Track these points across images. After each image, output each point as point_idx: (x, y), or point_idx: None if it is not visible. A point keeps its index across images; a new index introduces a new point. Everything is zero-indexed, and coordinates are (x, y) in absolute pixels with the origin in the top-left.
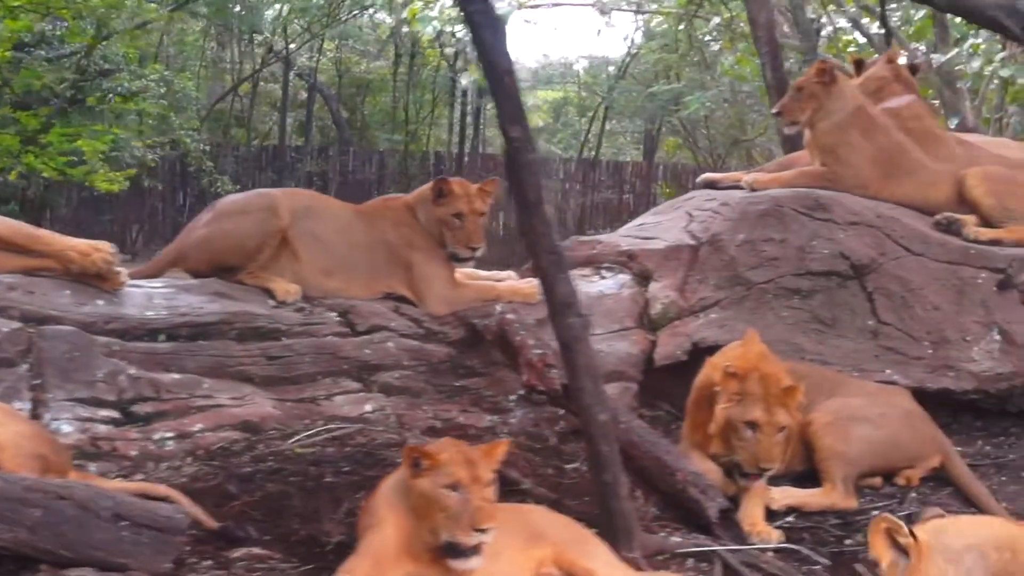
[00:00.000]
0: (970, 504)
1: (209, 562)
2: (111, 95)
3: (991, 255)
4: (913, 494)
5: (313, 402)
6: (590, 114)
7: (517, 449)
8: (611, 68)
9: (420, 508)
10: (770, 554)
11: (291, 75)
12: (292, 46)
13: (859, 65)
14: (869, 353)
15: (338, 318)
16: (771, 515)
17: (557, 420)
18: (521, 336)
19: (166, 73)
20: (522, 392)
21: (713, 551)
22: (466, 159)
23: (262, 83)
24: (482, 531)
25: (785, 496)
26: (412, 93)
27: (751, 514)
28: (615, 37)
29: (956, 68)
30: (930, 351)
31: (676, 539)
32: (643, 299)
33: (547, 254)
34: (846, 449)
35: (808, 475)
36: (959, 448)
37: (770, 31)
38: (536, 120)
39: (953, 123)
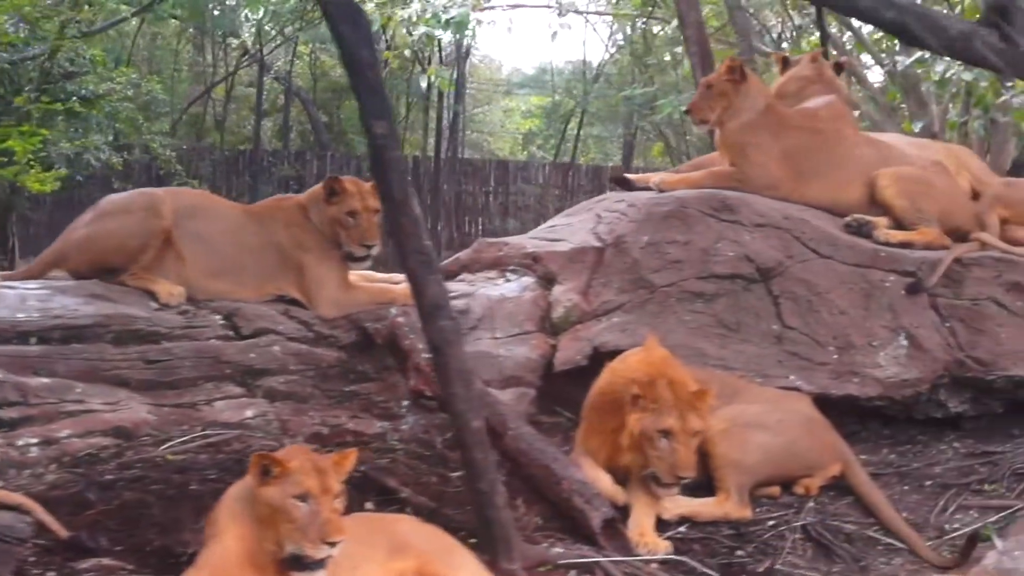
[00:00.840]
0: (869, 514)
1: (53, 573)
2: (75, 98)
3: (901, 257)
4: (811, 504)
5: (192, 407)
6: (574, 118)
7: (400, 457)
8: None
9: (266, 518)
10: (655, 565)
11: (266, 78)
12: (267, 50)
13: (784, 63)
14: (773, 358)
15: (222, 321)
16: (663, 525)
17: (447, 427)
18: (411, 340)
19: (134, 76)
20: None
21: (596, 562)
22: (443, 164)
23: (240, 87)
24: (331, 544)
25: (677, 505)
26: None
27: (640, 524)
28: (583, 41)
29: (919, 72)
30: (835, 356)
31: (558, 550)
32: (545, 302)
33: (416, 254)
34: (741, 457)
35: (705, 484)
36: (864, 456)
37: (699, 31)
38: (528, 125)
39: (918, 127)
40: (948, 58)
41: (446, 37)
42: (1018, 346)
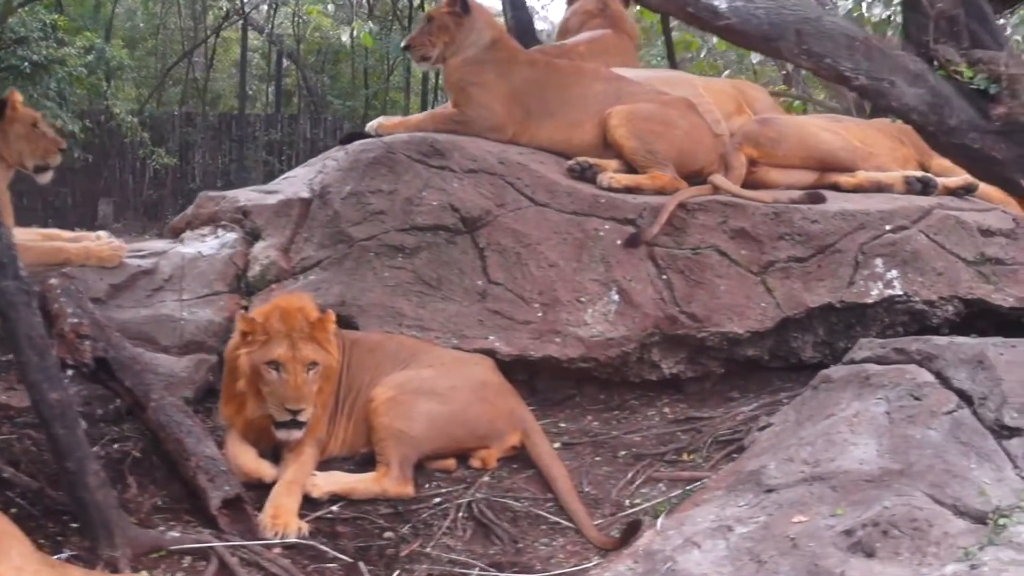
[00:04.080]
0: (548, 489)
1: None
2: (26, 63)
3: (621, 204)
4: (487, 478)
5: None
6: None
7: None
8: None
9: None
10: (278, 551)
11: (252, 39)
12: (248, 8)
13: None
14: (474, 317)
15: None
16: (314, 504)
17: (111, 398)
18: (60, 304)
19: (97, 41)
20: None
21: (211, 547)
22: None
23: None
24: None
25: (329, 482)
26: (369, 59)
27: (279, 504)
28: None
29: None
30: (540, 314)
31: (175, 534)
32: (244, 260)
33: None
34: (406, 428)
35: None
36: (564, 425)
37: None
38: None
39: None
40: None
41: None
42: (736, 299)
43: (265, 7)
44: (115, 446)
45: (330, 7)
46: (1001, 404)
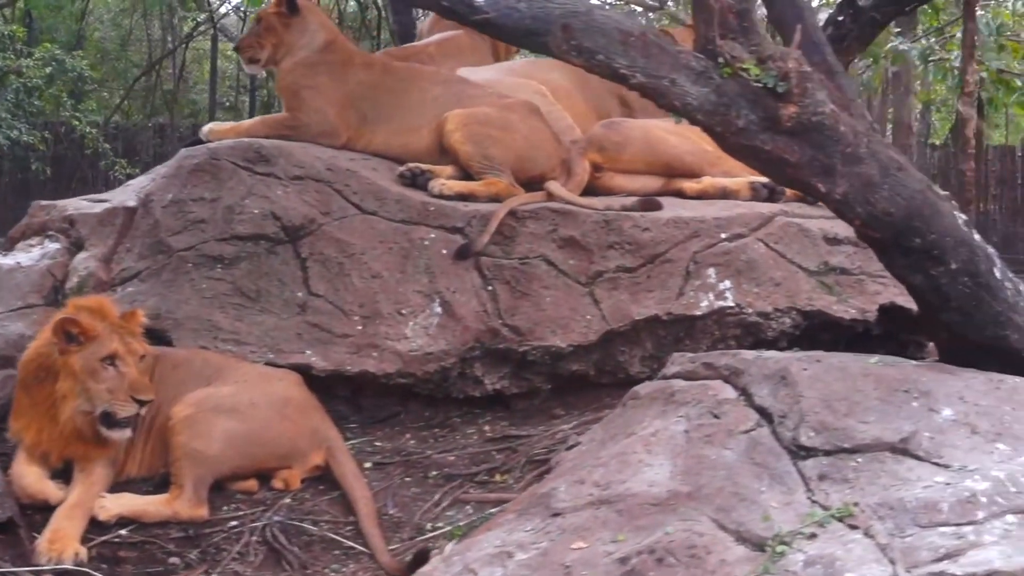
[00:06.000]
0: (350, 511)
1: None
2: None
3: (450, 212)
4: (288, 500)
5: None
6: None
7: None
8: None
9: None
10: None
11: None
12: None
13: None
14: (292, 331)
15: None
16: (103, 527)
17: None
18: None
19: (57, 52)
20: None
21: None
22: None
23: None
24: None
25: (118, 504)
26: None
27: (57, 528)
28: None
29: None
30: (360, 328)
31: None
32: (63, 272)
33: None
34: (203, 447)
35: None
36: (384, 443)
37: None
38: None
39: None
40: None
41: None
42: (562, 312)
43: (235, 17)
44: None
45: None
46: (799, 423)
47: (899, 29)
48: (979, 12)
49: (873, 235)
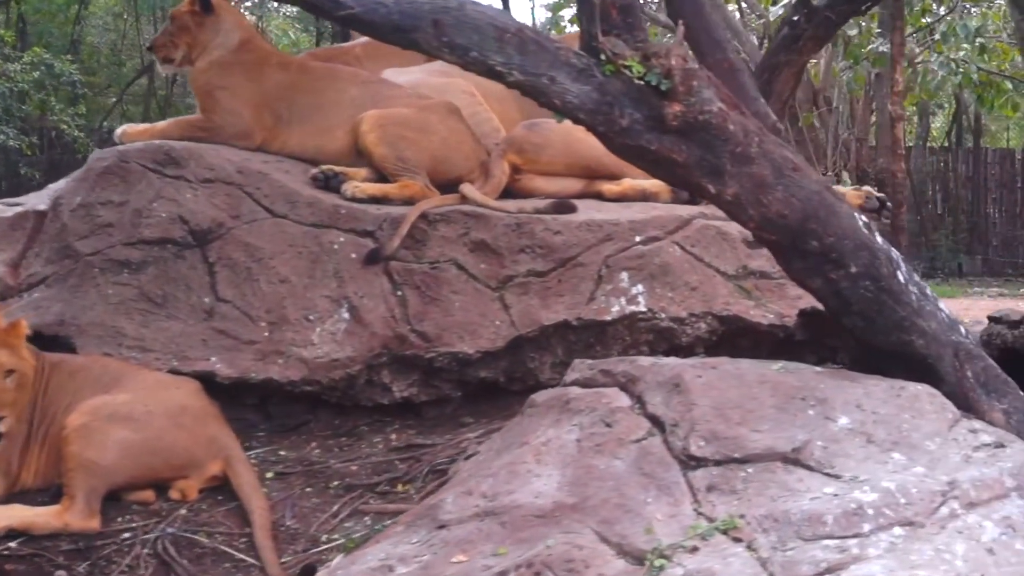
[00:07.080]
0: (247, 522)
1: None
2: None
3: (361, 215)
4: (184, 511)
5: None
6: None
7: None
8: None
9: None
10: None
11: None
12: None
13: None
14: (198, 337)
15: None
16: None
17: None
18: None
19: (46, 56)
20: None
21: None
22: None
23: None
24: None
25: (6, 516)
26: None
27: None
28: None
29: None
30: (266, 334)
31: None
32: None
33: None
34: (96, 457)
35: None
36: (289, 452)
37: None
38: None
39: None
40: None
41: None
42: (471, 317)
43: None
44: None
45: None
46: (690, 432)
47: (880, 30)
48: (953, 17)
49: (769, 238)
